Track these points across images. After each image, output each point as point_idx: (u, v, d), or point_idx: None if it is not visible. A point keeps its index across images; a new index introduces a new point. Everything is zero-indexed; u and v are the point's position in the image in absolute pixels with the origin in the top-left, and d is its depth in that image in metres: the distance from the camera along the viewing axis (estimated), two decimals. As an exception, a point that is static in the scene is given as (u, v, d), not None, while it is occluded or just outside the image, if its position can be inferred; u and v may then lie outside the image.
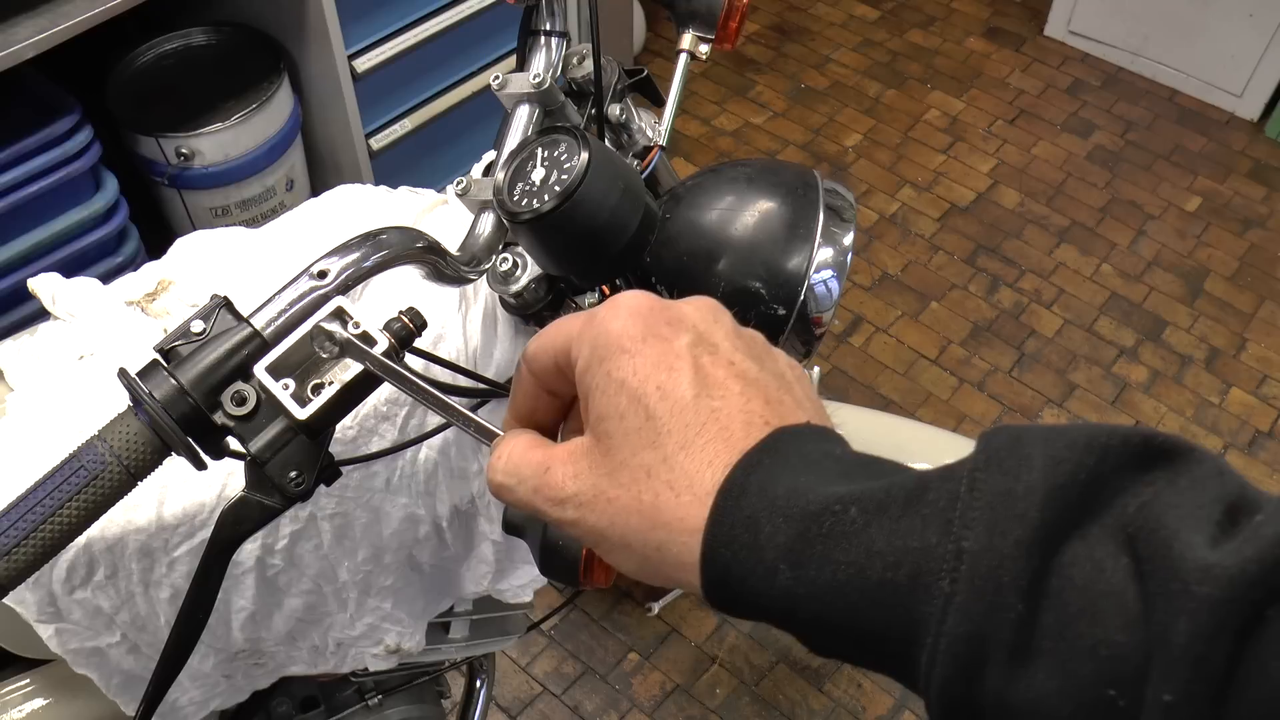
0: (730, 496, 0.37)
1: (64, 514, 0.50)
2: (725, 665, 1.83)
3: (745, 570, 0.36)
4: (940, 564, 0.33)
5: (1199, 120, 2.79)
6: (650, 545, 0.38)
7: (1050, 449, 0.33)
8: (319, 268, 0.57)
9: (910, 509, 0.34)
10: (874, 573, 0.34)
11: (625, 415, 0.39)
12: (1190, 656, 0.28)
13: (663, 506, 0.38)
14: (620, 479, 0.39)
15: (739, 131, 2.74)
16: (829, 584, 0.34)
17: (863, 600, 0.34)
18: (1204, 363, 2.28)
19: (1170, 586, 0.29)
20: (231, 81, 1.85)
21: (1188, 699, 0.28)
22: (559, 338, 0.43)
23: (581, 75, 0.83)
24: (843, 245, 0.77)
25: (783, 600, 0.35)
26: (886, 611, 0.34)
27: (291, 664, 0.89)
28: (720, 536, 0.36)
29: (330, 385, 0.51)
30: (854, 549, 0.34)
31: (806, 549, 0.35)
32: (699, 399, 0.38)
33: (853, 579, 0.34)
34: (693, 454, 0.38)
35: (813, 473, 0.37)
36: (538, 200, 0.67)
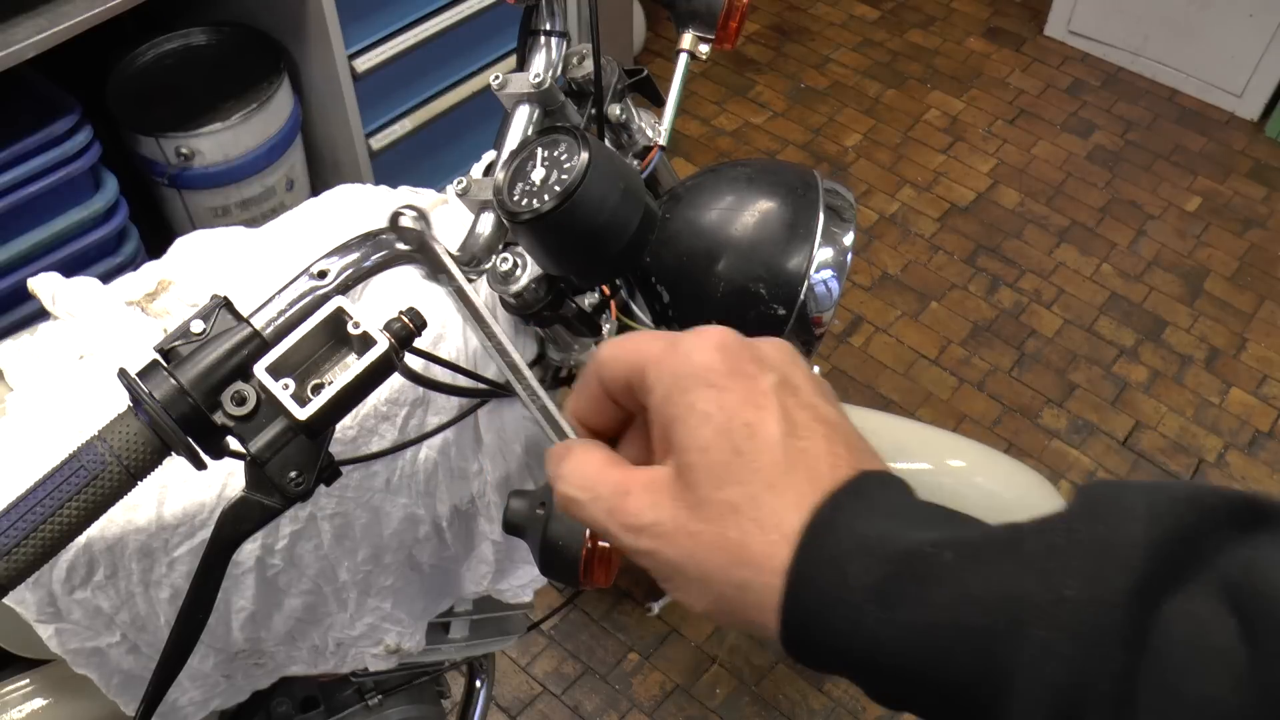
0: (817, 535, 0.36)
1: (64, 514, 0.50)
2: (725, 665, 1.83)
3: (830, 610, 0.35)
4: (1039, 612, 0.32)
5: (1199, 120, 2.79)
6: (732, 584, 0.38)
7: (1152, 503, 0.32)
8: (319, 268, 0.57)
9: (1005, 556, 0.34)
10: (968, 617, 0.33)
11: (710, 449, 0.38)
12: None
13: (749, 544, 0.37)
14: (704, 514, 0.38)
15: (739, 131, 2.74)
16: (919, 627, 0.34)
17: (954, 645, 0.33)
18: (1204, 363, 2.28)
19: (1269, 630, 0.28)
20: (231, 81, 1.85)
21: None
22: (635, 356, 0.42)
23: (581, 75, 0.83)
24: (843, 245, 0.77)
25: (866, 643, 0.35)
26: (978, 658, 0.33)
27: (291, 664, 0.89)
28: (805, 575, 0.36)
29: (330, 385, 0.51)
30: (948, 592, 0.34)
31: (897, 590, 0.34)
32: (787, 439, 0.38)
33: (945, 623, 0.33)
34: (780, 493, 0.37)
35: (898, 517, 0.36)
36: (538, 200, 0.67)
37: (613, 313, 0.81)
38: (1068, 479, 2.08)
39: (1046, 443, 2.14)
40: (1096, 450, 2.13)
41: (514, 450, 0.85)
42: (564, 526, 0.68)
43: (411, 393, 0.77)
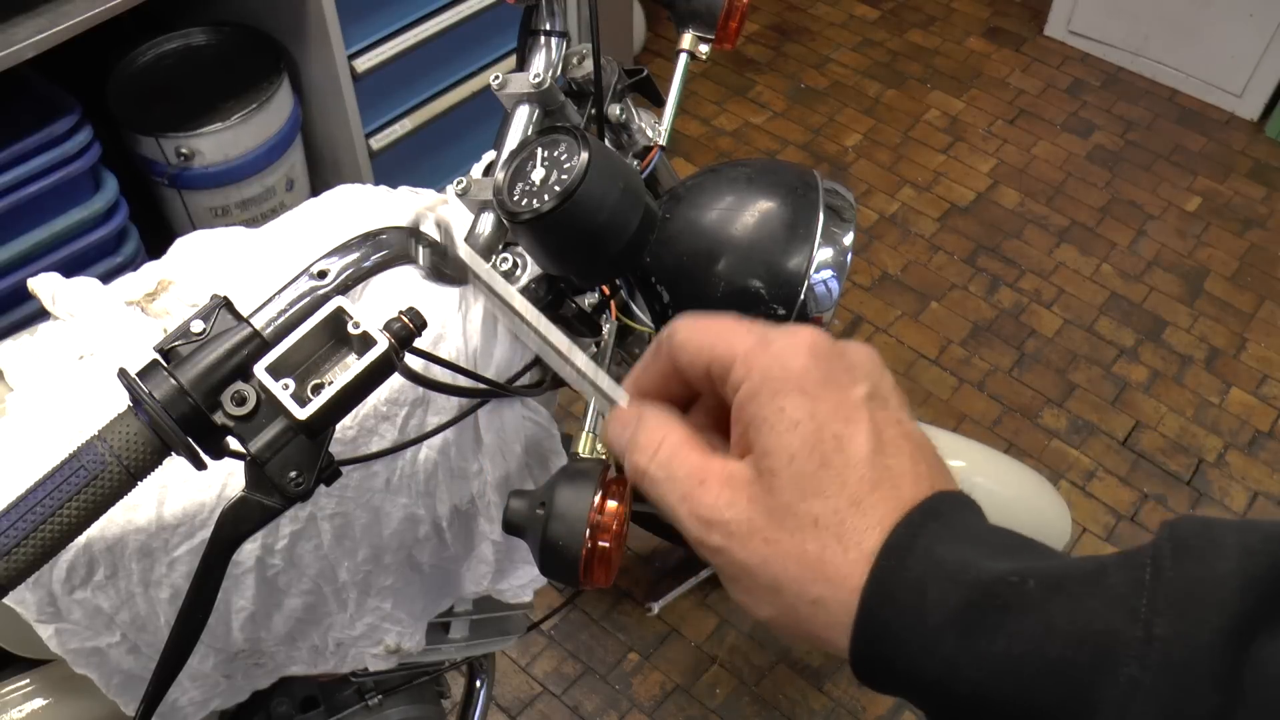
0: (894, 556, 0.36)
1: (64, 514, 0.50)
2: (725, 665, 1.83)
3: (906, 634, 0.35)
4: (1127, 648, 0.31)
5: (1199, 120, 2.79)
6: (805, 598, 0.37)
7: (1244, 540, 0.32)
8: (319, 268, 0.57)
9: (1090, 589, 0.33)
10: (1052, 649, 0.32)
11: (797, 458, 0.38)
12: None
13: (828, 560, 0.37)
14: (785, 523, 0.37)
15: (739, 131, 2.74)
16: (999, 656, 0.33)
17: (1036, 676, 0.32)
18: (1204, 363, 2.28)
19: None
20: (231, 81, 1.85)
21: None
22: (720, 346, 0.41)
23: (581, 75, 0.83)
24: (843, 245, 0.77)
25: (942, 671, 0.34)
26: (1062, 691, 0.32)
27: (291, 664, 0.89)
28: (882, 596, 0.35)
29: (330, 385, 0.51)
30: (1031, 623, 0.33)
31: (978, 618, 0.34)
32: (875, 456, 0.38)
33: (1027, 653, 0.33)
34: (864, 512, 0.37)
35: (976, 543, 0.36)
36: (538, 200, 0.67)
37: (613, 313, 0.81)
38: (1067, 479, 2.08)
39: (1046, 443, 2.14)
40: (1096, 450, 2.13)
41: (514, 450, 0.85)
42: (564, 526, 0.68)
43: (411, 393, 0.77)
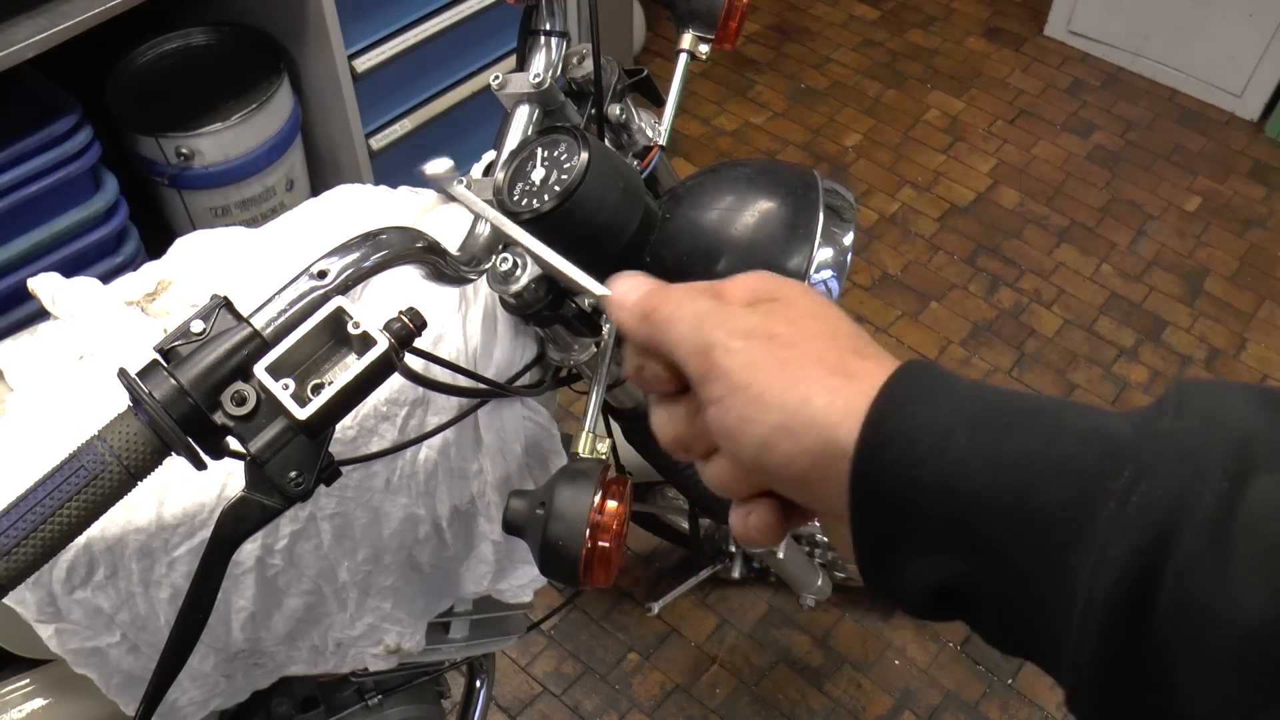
0: (910, 369, 0.37)
1: (64, 514, 0.50)
2: (725, 665, 1.83)
3: (917, 433, 0.35)
4: (1138, 444, 0.32)
5: (1199, 120, 2.79)
6: (821, 390, 0.37)
7: (1248, 391, 0.33)
8: (319, 268, 0.57)
9: (1099, 411, 0.34)
10: (1062, 447, 0.33)
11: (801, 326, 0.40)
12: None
13: (848, 363, 0.38)
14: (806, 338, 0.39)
15: (739, 131, 2.74)
16: (1009, 453, 0.34)
17: (1044, 473, 0.33)
18: (1204, 363, 2.28)
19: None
20: (231, 81, 1.85)
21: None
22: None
23: (581, 75, 0.83)
24: (843, 245, 0.77)
25: (950, 470, 0.34)
26: (1070, 481, 0.32)
27: (291, 664, 0.89)
28: (897, 396, 0.36)
29: (330, 385, 0.51)
30: (1044, 423, 0.34)
31: (992, 419, 0.34)
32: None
33: (1038, 450, 0.33)
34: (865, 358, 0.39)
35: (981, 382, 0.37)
36: (538, 200, 0.67)
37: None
38: (1068, 479, 2.08)
39: (1046, 443, 2.14)
40: (1096, 450, 2.13)
41: (514, 450, 0.85)
42: (564, 526, 0.68)
43: (411, 393, 0.77)
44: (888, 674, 1.83)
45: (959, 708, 1.79)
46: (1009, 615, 0.35)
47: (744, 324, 0.40)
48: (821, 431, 0.37)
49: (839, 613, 1.89)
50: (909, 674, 1.83)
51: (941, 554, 0.35)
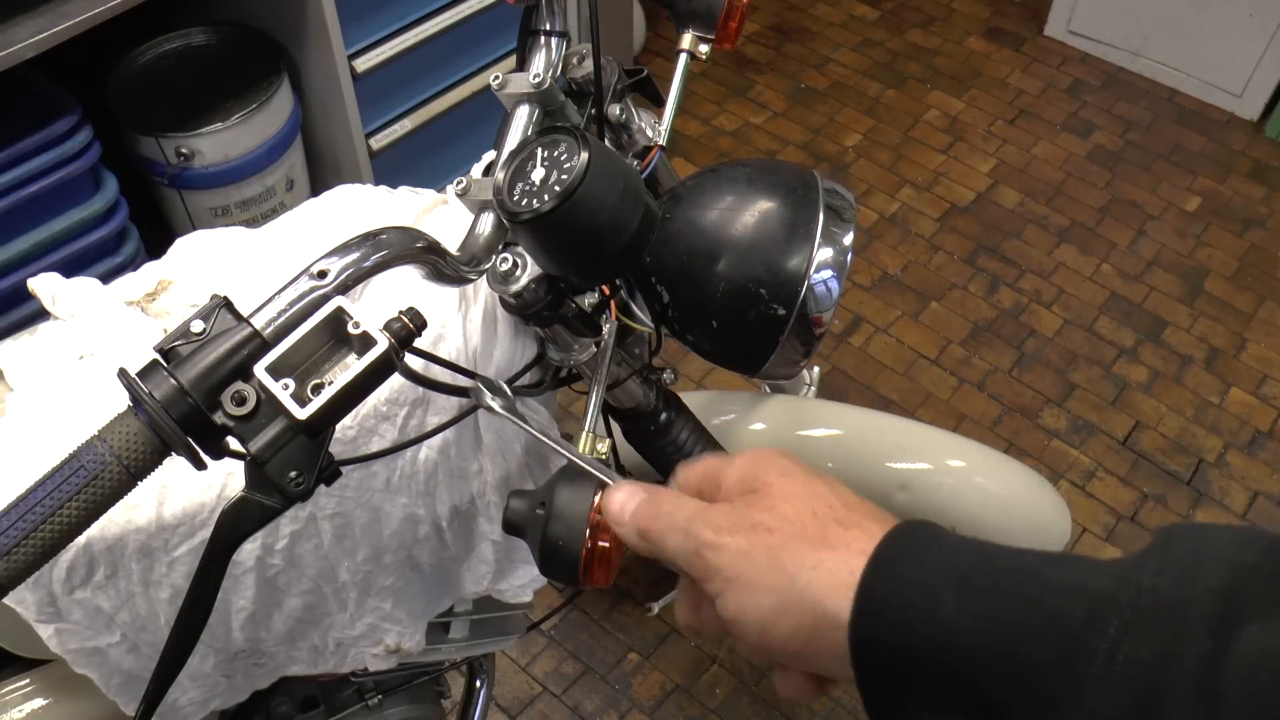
0: (896, 535, 0.39)
1: (64, 514, 0.50)
2: (725, 665, 1.83)
3: (907, 594, 0.37)
4: (1123, 602, 0.33)
5: (1199, 120, 2.79)
6: (807, 564, 0.39)
7: (1235, 536, 0.34)
8: (319, 268, 0.57)
9: (1084, 563, 0.35)
10: (1048, 606, 0.34)
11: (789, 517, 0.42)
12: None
13: (831, 535, 0.40)
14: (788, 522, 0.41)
15: (739, 131, 2.74)
16: (997, 614, 0.35)
17: (1031, 632, 0.34)
18: (1204, 363, 2.28)
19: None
20: (231, 81, 1.85)
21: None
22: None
23: (581, 75, 0.83)
24: (843, 245, 0.77)
25: (940, 633, 0.36)
26: (1057, 641, 0.33)
27: (291, 664, 0.89)
28: (885, 562, 0.38)
29: (330, 385, 0.51)
30: (1029, 583, 0.35)
31: (977, 581, 0.36)
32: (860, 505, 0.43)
33: (1024, 609, 0.35)
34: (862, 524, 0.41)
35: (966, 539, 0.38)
36: (538, 200, 0.67)
37: (612, 313, 0.81)
38: (1067, 479, 2.08)
39: (1046, 443, 2.14)
40: (1096, 450, 2.13)
41: (514, 450, 0.85)
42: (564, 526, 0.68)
43: (411, 393, 0.77)
44: (888, 674, 1.83)
45: (959, 708, 1.79)
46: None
47: (728, 520, 0.42)
48: (811, 606, 0.39)
49: (839, 613, 1.89)
50: (909, 674, 1.83)
51: (947, 711, 0.37)
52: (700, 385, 2.16)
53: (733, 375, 1.96)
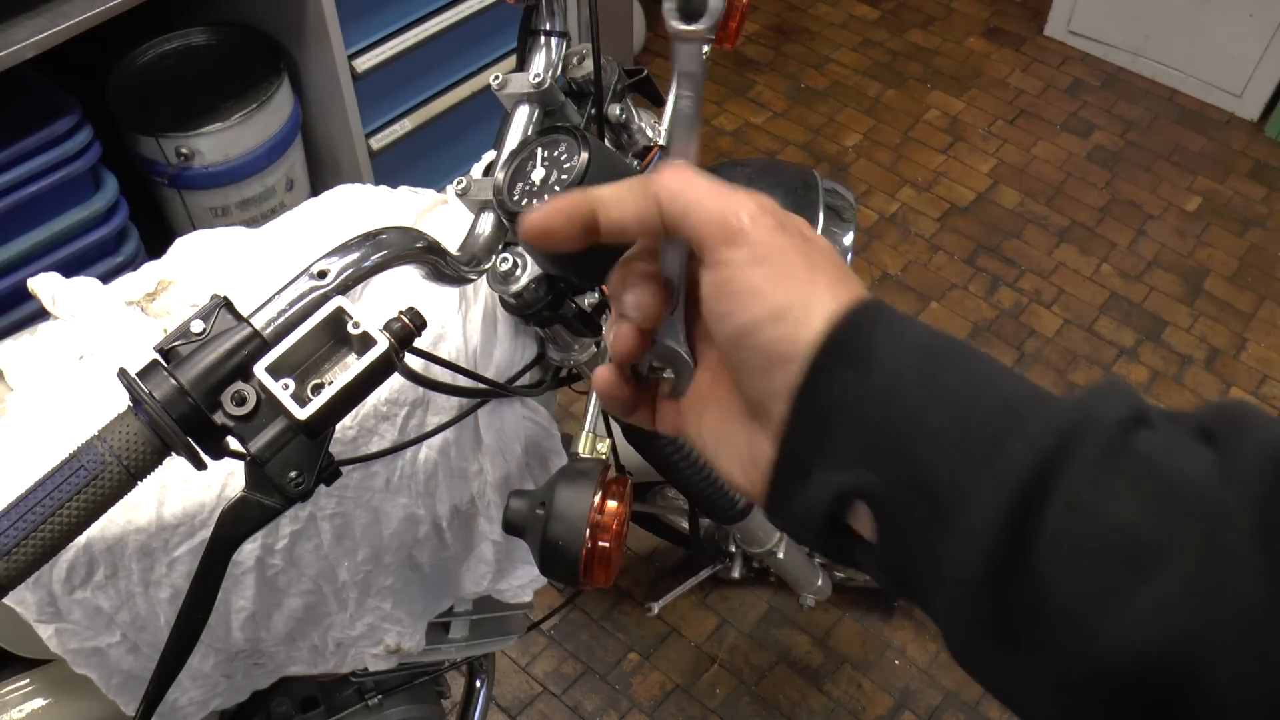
0: (880, 303, 0.40)
1: (64, 514, 0.50)
2: (725, 665, 1.83)
3: (870, 350, 0.38)
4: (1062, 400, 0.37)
5: (1199, 120, 2.79)
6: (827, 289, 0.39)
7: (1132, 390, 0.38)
8: (319, 268, 0.57)
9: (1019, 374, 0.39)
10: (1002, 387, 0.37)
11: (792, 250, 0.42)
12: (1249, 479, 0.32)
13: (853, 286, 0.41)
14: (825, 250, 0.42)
15: (739, 131, 2.74)
16: (953, 383, 0.37)
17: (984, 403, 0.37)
18: (1204, 363, 2.28)
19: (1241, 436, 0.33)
20: (231, 81, 1.85)
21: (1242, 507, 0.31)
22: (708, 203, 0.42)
23: (581, 75, 0.83)
24: (843, 245, 0.77)
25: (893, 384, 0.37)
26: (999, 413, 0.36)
27: (291, 664, 0.89)
28: (862, 317, 0.39)
29: (330, 385, 0.51)
30: (989, 371, 0.38)
31: (941, 353, 0.39)
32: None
33: (982, 388, 0.37)
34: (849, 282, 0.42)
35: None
36: (538, 200, 0.67)
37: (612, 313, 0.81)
38: (1068, 479, 2.08)
39: (1046, 443, 2.14)
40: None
41: (514, 450, 0.85)
42: (564, 526, 0.68)
43: (411, 393, 0.77)
44: (888, 674, 1.83)
45: (959, 708, 1.79)
46: (906, 532, 0.37)
47: (780, 213, 0.41)
48: (813, 328, 0.39)
49: (839, 613, 1.89)
50: (909, 674, 1.83)
51: (857, 468, 0.37)
52: (700, 385, 2.16)
53: (733, 375, 1.96)
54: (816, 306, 0.39)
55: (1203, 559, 0.31)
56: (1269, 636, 0.30)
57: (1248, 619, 0.30)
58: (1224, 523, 0.31)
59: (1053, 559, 0.33)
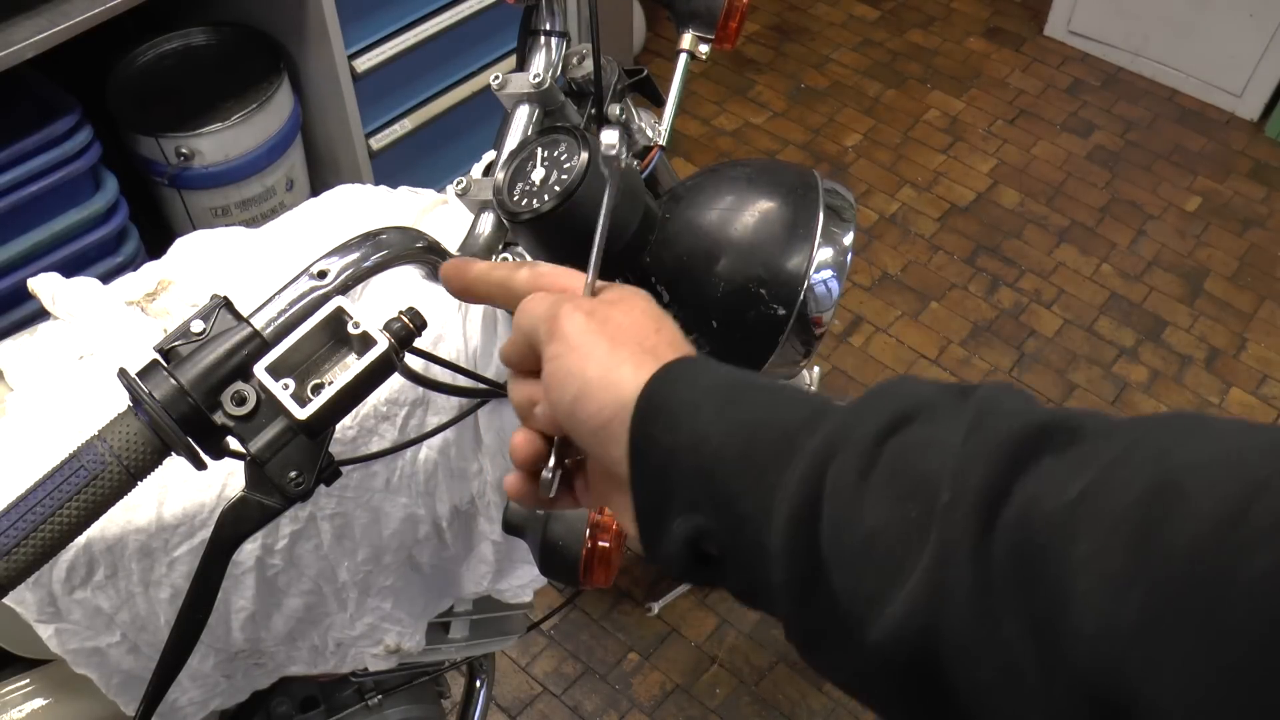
0: (681, 361, 0.46)
1: (64, 514, 0.50)
2: (725, 665, 1.83)
3: (675, 406, 0.43)
4: (837, 412, 0.41)
5: (1199, 120, 2.79)
6: (630, 360, 0.45)
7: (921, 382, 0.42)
8: (319, 268, 0.57)
9: (821, 395, 0.44)
10: (781, 413, 0.42)
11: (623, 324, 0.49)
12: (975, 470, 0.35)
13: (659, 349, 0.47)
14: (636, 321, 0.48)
15: (739, 131, 2.74)
16: (740, 419, 0.42)
17: (765, 431, 0.41)
18: (1204, 363, 2.28)
19: (984, 424, 0.37)
20: (231, 81, 1.85)
21: (960, 496, 0.35)
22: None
23: (581, 75, 0.83)
24: (843, 245, 0.77)
25: (696, 435, 0.42)
26: (781, 442, 0.41)
27: (291, 664, 0.89)
28: (668, 376, 0.44)
29: (330, 385, 0.51)
30: (772, 399, 0.43)
31: (730, 394, 0.43)
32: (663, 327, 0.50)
33: (763, 417, 0.42)
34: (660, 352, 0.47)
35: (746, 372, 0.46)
36: (538, 200, 0.67)
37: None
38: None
39: (1046, 443, 2.13)
40: (1096, 450, 2.12)
41: (514, 450, 0.84)
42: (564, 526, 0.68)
43: (411, 393, 0.77)
44: (888, 674, 1.83)
45: (959, 708, 1.79)
46: (740, 560, 0.42)
47: (589, 305, 0.48)
48: (621, 395, 0.45)
49: (839, 613, 1.89)
50: (909, 674, 1.83)
51: (694, 512, 0.43)
52: (700, 385, 2.16)
53: (733, 375, 1.96)
54: (622, 378, 0.45)
55: (932, 552, 0.35)
56: (981, 612, 0.34)
57: (963, 599, 0.34)
58: (945, 516, 0.35)
59: (833, 571, 0.38)
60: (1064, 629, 0.32)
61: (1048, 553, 0.33)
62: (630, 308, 0.49)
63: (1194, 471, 0.32)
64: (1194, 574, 0.30)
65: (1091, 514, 0.33)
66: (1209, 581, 0.29)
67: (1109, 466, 0.33)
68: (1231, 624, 0.28)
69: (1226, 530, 0.29)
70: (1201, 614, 0.29)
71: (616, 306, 0.49)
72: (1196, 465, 0.32)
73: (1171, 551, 0.30)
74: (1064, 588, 0.32)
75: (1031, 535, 0.33)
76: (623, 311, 0.48)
